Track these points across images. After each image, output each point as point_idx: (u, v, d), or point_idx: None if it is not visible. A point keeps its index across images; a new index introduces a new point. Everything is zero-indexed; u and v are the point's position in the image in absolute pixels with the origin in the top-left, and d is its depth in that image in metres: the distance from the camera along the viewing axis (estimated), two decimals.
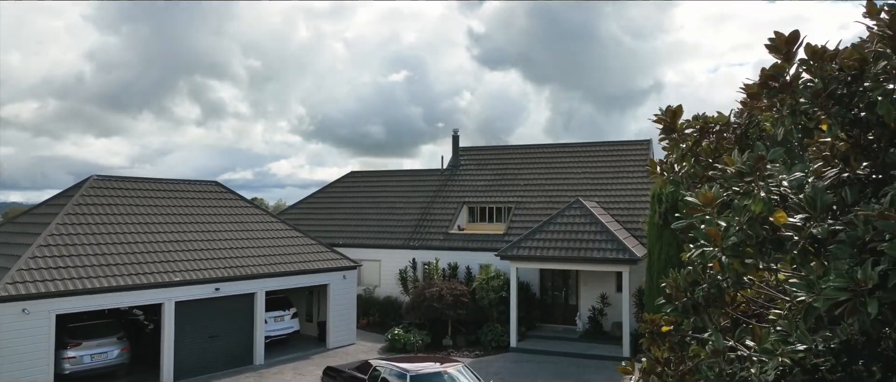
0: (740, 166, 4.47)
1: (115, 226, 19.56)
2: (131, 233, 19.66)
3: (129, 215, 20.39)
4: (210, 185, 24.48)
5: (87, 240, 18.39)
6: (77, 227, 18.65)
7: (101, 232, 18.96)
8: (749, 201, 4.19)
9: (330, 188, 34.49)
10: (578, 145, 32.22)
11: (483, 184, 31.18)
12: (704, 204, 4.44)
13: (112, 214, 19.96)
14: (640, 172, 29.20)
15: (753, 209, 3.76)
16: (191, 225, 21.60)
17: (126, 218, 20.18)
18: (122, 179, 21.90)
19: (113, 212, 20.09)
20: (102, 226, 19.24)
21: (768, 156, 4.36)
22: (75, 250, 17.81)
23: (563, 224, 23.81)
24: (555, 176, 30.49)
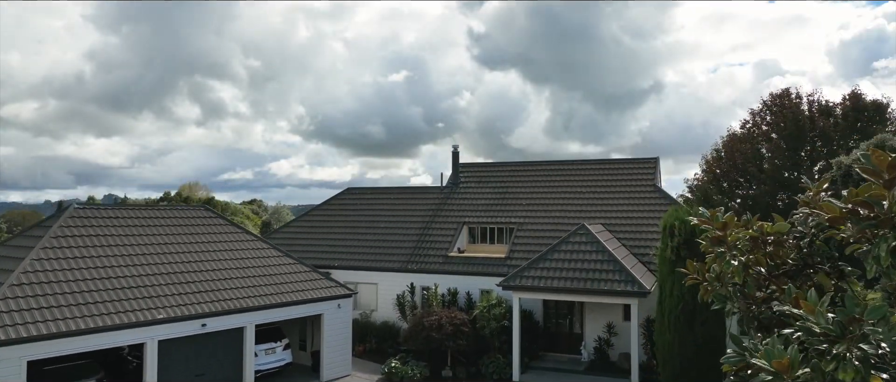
0: (826, 326, 3.53)
1: (95, 259, 18.48)
2: (112, 267, 18.58)
3: (111, 246, 19.31)
4: (198, 210, 23.41)
5: (64, 277, 17.31)
6: (54, 262, 17.57)
7: (80, 267, 17.88)
8: (836, 368, 3.34)
9: (326, 205, 33.41)
10: (583, 162, 31.15)
11: (484, 203, 30.09)
12: (779, 371, 3.47)
13: (92, 246, 18.87)
14: (648, 192, 28.12)
15: (842, 378, 3.11)
16: (176, 255, 20.52)
17: (107, 250, 19.10)
18: (103, 207, 20.85)
19: (93, 244, 19.00)
20: (81, 260, 18.16)
21: (866, 316, 3.40)
22: (50, 289, 16.73)
23: (568, 251, 22.72)
24: (559, 195, 29.40)
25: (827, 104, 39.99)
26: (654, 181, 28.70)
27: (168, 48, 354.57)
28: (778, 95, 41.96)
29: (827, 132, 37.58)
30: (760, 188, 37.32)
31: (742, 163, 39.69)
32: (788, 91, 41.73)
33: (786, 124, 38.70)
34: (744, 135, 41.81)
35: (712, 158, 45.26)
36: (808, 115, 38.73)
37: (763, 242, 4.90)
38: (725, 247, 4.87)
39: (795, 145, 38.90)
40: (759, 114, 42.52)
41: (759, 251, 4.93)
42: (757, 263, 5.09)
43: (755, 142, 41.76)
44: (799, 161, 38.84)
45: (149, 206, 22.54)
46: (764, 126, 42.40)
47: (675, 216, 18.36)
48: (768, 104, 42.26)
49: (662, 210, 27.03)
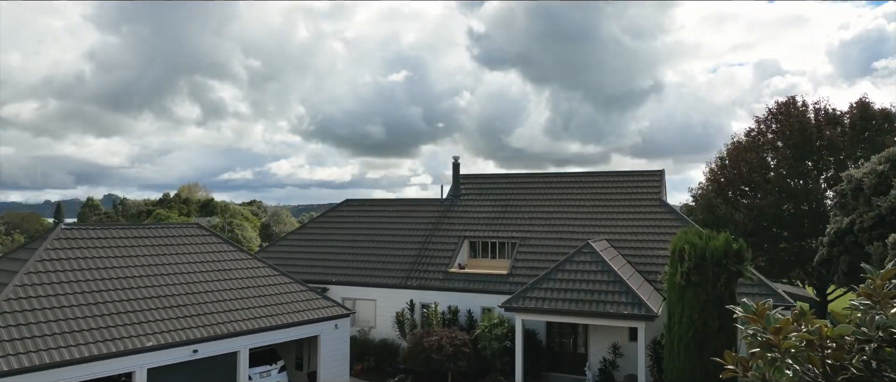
0: None
1: (83, 283, 17.79)
2: (100, 291, 17.89)
3: (99, 269, 18.61)
4: (190, 228, 22.72)
5: (50, 303, 16.62)
6: (38, 288, 16.87)
7: (66, 293, 17.19)
8: None
9: (323, 217, 32.72)
10: (586, 175, 30.47)
11: (485, 217, 29.39)
12: None
13: (79, 270, 18.17)
14: (654, 206, 27.44)
15: None
16: (168, 276, 19.83)
17: (95, 272, 18.40)
18: (92, 228, 20.15)
19: (80, 267, 18.31)
20: (67, 285, 17.46)
21: None
22: (35, 316, 16.03)
23: (572, 271, 22.03)
24: (562, 208, 28.72)
25: (834, 112, 39.32)
26: (659, 194, 28.02)
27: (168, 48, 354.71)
28: (783, 103, 41.31)
29: (834, 141, 36.90)
30: (766, 199, 36.62)
31: (747, 173, 39.02)
32: (794, 99, 41.07)
33: (792, 133, 38.02)
34: (749, 143, 41.13)
35: (716, 166, 44.65)
36: (815, 124, 38.04)
37: (821, 345, 4.20)
38: (778, 353, 4.18)
39: (802, 154, 38.21)
40: (765, 123, 41.86)
41: (815, 354, 4.23)
42: (809, 361, 4.38)
43: (760, 150, 41.11)
44: (805, 170, 38.17)
45: (139, 226, 21.85)
46: (769, 134, 41.75)
47: (685, 239, 17.68)
48: (774, 112, 41.61)
49: (668, 225, 26.38)
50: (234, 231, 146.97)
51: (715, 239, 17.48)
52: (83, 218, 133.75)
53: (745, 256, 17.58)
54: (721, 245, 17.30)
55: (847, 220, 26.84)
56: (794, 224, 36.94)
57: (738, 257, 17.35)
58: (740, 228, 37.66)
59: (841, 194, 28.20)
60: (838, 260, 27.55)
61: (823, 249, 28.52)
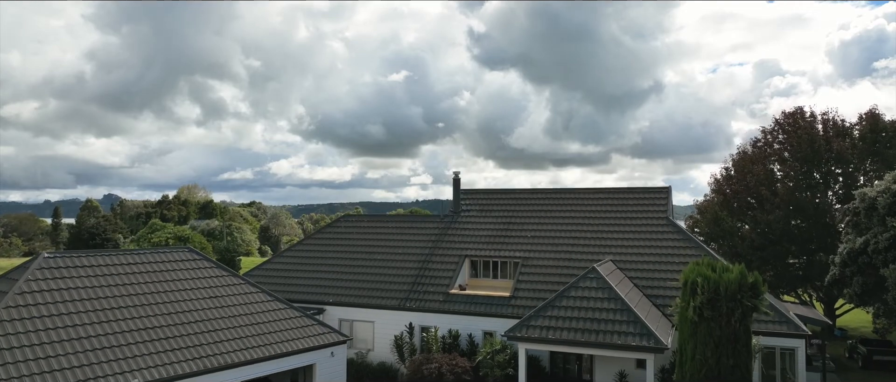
0: None
1: (65, 317, 16.92)
2: (84, 325, 17.02)
3: (83, 300, 17.74)
4: (180, 253, 21.83)
5: (29, 340, 15.76)
6: (17, 323, 16.01)
7: (47, 327, 16.32)
8: None
9: (320, 234, 31.88)
10: (591, 191, 29.62)
11: (486, 235, 28.54)
12: None
13: (61, 302, 17.31)
14: (660, 225, 26.60)
15: None
16: (156, 306, 18.97)
17: (79, 304, 17.53)
18: (76, 255, 19.26)
19: (63, 298, 17.44)
20: (48, 319, 16.60)
21: None
22: (12, 355, 15.17)
23: (578, 297, 21.18)
24: (566, 227, 27.87)
25: (842, 123, 38.48)
26: (666, 213, 27.18)
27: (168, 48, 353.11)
28: (790, 113, 40.47)
29: (843, 154, 36.06)
30: (774, 213, 35.75)
31: (754, 185, 38.16)
32: (801, 109, 40.24)
33: (800, 145, 37.17)
34: (755, 154, 40.27)
35: (722, 176, 43.82)
36: (823, 136, 37.18)
37: None
38: None
39: (810, 167, 37.36)
40: (771, 133, 41.02)
41: None
42: None
43: (767, 160, 40.27)
44: (814, 183, 37.31)
45: (126, 252, 21.01)
46: (776, 145, 40.91)
47: (697, 271, 16.84)
48: (780, 123, 40.77)
49: (676, 245, 25.56)
50: (234, 233, 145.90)
51: (729, 272, 16.63)
52: (82, 220, 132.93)
53: (760, 290, 16.73)
54: (735, 278, 16.46)
55: (860, 241, 26.01)
56: (803, 238, 36.09)
57: (753, 291, 16.51)
58: (747, 242, 36.87)
59: (854, 212, 27.35)
60: (851, 281, 26.73)
61: (835, 269, 27.70)
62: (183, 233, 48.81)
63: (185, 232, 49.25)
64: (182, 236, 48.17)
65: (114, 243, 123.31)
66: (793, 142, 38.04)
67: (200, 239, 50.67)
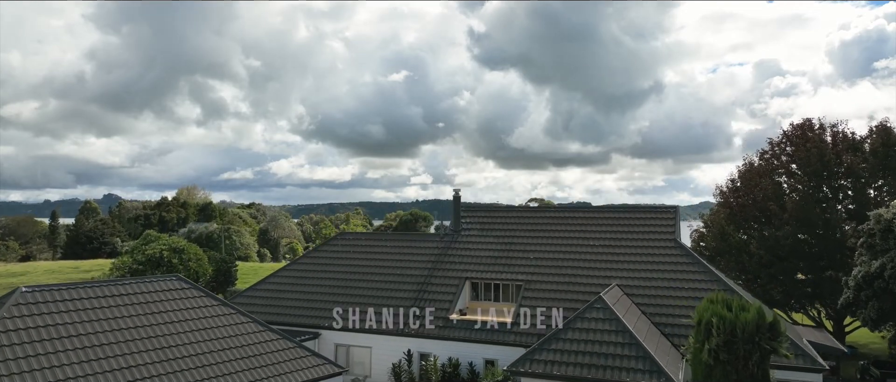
0: None
1: (41, 358, 15.97)
2: (63, 365, 16.06)
3: (62, 338, 16.79)
4: (168, 282, 20.88)
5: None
6: None
7: (22, 370, 15.38)
8: None
9: (317, 252, 30.93)
10: (596, 211, 28.69)
11: (488, 256, 27.59)
12: None
13: (39, 341, 16.34)
14: (668, 248, 25.66)
15: None
16: (141, 341, 18.02)
17: (58, 343, 16.57)
18: (57, 288, 18.32)
19: (40, 337, 16.49)
20: (23, 360, 15.65)
21: None
22: None
23: (584, 330, 20.23)
24: (570, 247, 26.93)
25: (852, 136, 37.52)
26: (673, 234, 26.24)
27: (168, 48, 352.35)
28: (799, 125, 39.51)
29: (855, 169, 35.09)
30: (783, 229, 34.78)
31: (762, 200, 37.19)
32: (810, 121, 39.26)
33: (809, 158, 36.19)
34: (762, 167, 39.29)
35: (728, 189, 42.87)
36: (834, 150, 36.21)
37: None
38: None
39: (819, 181, 36.39)
40: (779, 145, 40.07)
41: None
42: None
43: (774, 172, 39.33)
44: (823, 197, 36.34)
45: (111, 282, 20.08)
46: (783, 156, 39.96)
47: (712, 310, 15.91)
48: (789, 134, 39.81)
49: (684, 270, 24.62)
50: (232, 237, 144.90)
51: (746, 312, 15.70)
52: (79, 223, 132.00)
53: (779, 331, 15.80)
54: (753, 318, 15.52)
55: (876, 264, 25.09)
56: (812, 255, 35.12)
57: (772, 333, 15.58)
58: (755, 258, 35.92)
59: (868, 234, 26.43)
60: (866, 305, 25.82)
61: (849, 292, 26.80)
62: (178, 244, 47.85)
63: (180, 243, 48.26)
64: (177, 247, 47.22)
65: (111, 246, 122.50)
66: (801, 155, 37.07)
67: (196, 250, 49.73)
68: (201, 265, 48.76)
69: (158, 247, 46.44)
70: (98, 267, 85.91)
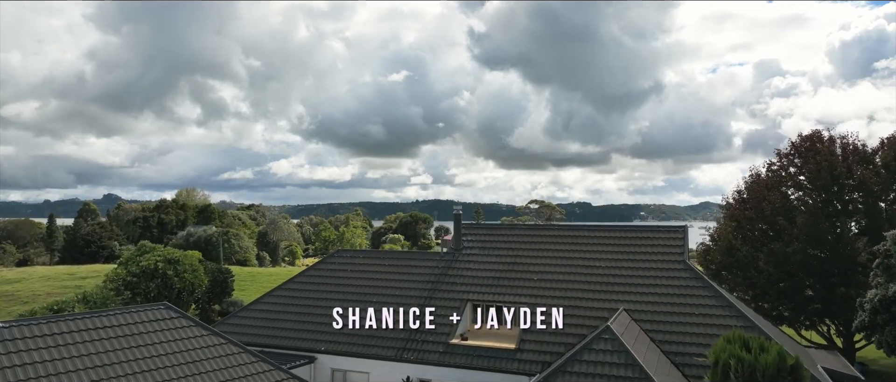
0: None
1: None
2: None
3: (42, 377, 15.88)
4: (156, 311, 19.96)
5: None
6: None
7: None
8: None
9: (313, 271, 30.02)
10: (602, 229, 27.80)
11: (490, 277, 26.67)
12: None
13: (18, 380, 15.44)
14: (677, 270, 24.76)
15: None
16: (126, 378, 17.12)
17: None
18: (35, 322, 17.37)
19: (17, 377, 15.58)
20: None
21: None
22: None
23: (591, 362, 19.31)
24: (575, 268, 26.03)
25: (863, 148, 36.63)
26: (682, 256, 25.34)
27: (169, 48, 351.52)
28: (807, 137, 38.64)
29: (866, 182, 34.18)
30: (792, 245, 33.86)
31: (770, 214, 36.27)
32: (819, 133, 38.40)
33: (819, 172, 35.28)
34: (770, 179, 38.38)
35: (735, 201, 41.95)
36: (844, 163, 35.29)
37: None
38: None
39: (830, 195, 35.48)
40: (787, 157, 39.18)
41: None
42: None
43: (782, 184, 38.45)
44: (834, 212, 35.43)
45: (96, 313, 19.15)
46: (791, 168, 39.08)
47: (729, 351, 14.97)
48: (797, 146, 38.93)
49: (695, 294, 23.72)
50: (231, 240, 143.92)
51: (766, 354, 14.76)
52: (78, 226, 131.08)
53: (802, 373, 14.87)
54: (773, 361, 14.59)
55: (894, 288, 24.19)
56: (822, 271, 34.19)
57: (794, 376, 14.65)
58: (763, 275, 35.00)
59: (885, 255, 25.53)
60: (883, 330, 24.92)
61: (864, 315, 25.90)
62: (173, 255, 46.93)
63: (176, 254, 47.33)
64: (172, 258, 46.30)
65: (109, 250, 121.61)
66: (810, 168, 36.17)
67: (192, 260, 48.79)
68: (197, 276, 47.83)
69: (153, 258, 45.49)
70: (94, 272, 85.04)
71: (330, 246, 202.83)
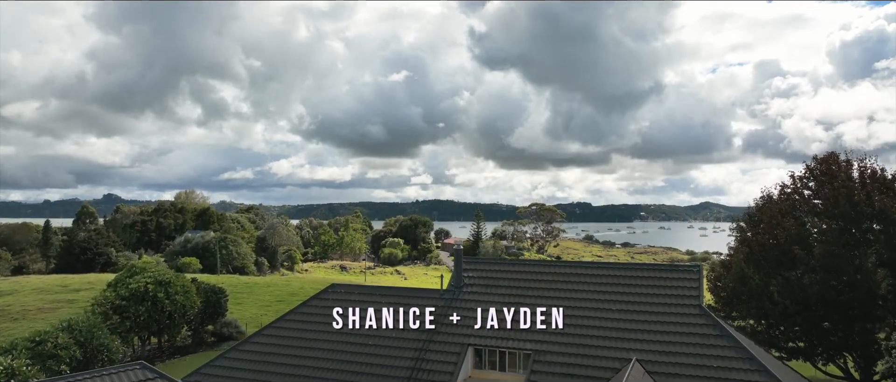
0: None
1: None
2: None
3: None
4: (134, 372, 18.46)
5: None
6: None
7: None
8: None
9: (305, 308, 28.47)
10: (612, 267, 26.24)
11: (492, 319, 25.12)
12: None
13: None
14: (693, 316, 23.22)
15: None
16: None
17: None
18: None
19: None
20: None
21: None
22: None
23: None
24: (584, 310, 24.49)
25: (882, 174, 35.02)
26: (698, 299, 23.80)
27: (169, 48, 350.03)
28: (823, 160, 37.06)
29: (888, 212, 32.57)
30: (809, 277, 32.28)
31: (785, 242, 34.69)
32: (836, 156, 36.83)
33: (837, 199, 33.69)
34: (784, 204, 36.78)
35: (746, 224, 40.43)
36: (863, 190, 33.66)
37: None
38: None
39: (848, 224, 33.86)
40: (801, 180, 37.63)
41: None
42: None
43: (796, 210, 36.89)
44: (853, 241, 33.81)
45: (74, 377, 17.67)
46: (806, 191, 37.52)
47: None
48: (812, 169, 37.37)
49: (712, 344, 22.16)
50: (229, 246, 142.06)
51: None
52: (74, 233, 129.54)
53: None
54: None
55: None
56: (841, 304, 32.60)
57: None
58: (779, 308, 33.43)
59: None
60: None
61: (893, 360, 24.40)
62: (164, 276, 45.42)
63: (167, 275, 45.82)
64: (163, 280, 44.80)
65: (105, 257, 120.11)
66: (828, 195, 34.58)
67: (184, 281, 47.28)
68: (189, 297, 46.36)
69: (143, 280, 44.00)
70: (88, 284, 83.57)
71: (329, 250, 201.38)
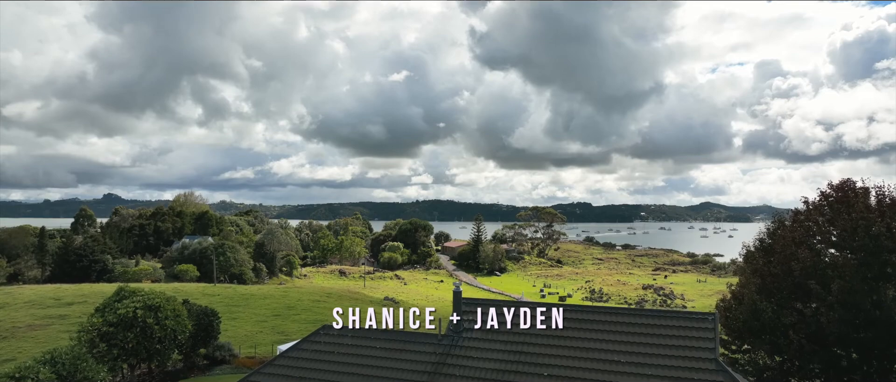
0: None
1: None
2: None
3: None
4: None
5: None
6: None
7: None
8: None
9: (295, 351, 26.92)
10: (621, 313, 24.70)
11: (494, 368, 23.62)
12: None
13: None
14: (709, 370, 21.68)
15: None
16: None
17: None
18: None
19: None
20: None
21: None
22: None
23: None
24: (591, 363, 22.96)
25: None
26: (714, 352, 22.26)
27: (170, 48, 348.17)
28: (838, 187, 35.57)
29: None
30: (828, 316, 30.77)
31: (800, 275, 33.18)
32: (852, 183, 35.33)
33: (855, 231, 32.17)
34: (798, 233, 35.24)
35: (756, 250, 38.96)
36: (883, 221, 32.14)
37: None
38: None
39: (866, 256, 32.33)
40: (816, 208, 36.14)
41: None
42: None
43: (811, 238, 35.41)
44: (871, 276, 32.27)
45: None
46: (820, 218, 36.02)
47: None
48: (827, 195, 35.87)
49: None
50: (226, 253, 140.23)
51: None
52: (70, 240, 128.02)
53: None
54: None
55: None
56: (860, 342, 31.10)
57: None
58: (794, 345, 31.93)
59: None
60: None
61: None
62: (154, 301, 43.86)
63: (157, 300, 44.27)
64: (152, 305, 43.28)
65: (101, 264, 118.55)
66: (844, 224, 33.05)
67: (175, 305, 45.74)
68: (179, 322, 44.84)
69: (132, 305, 42.46)
70: (81, 296, 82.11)
71: (329, 254, 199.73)
